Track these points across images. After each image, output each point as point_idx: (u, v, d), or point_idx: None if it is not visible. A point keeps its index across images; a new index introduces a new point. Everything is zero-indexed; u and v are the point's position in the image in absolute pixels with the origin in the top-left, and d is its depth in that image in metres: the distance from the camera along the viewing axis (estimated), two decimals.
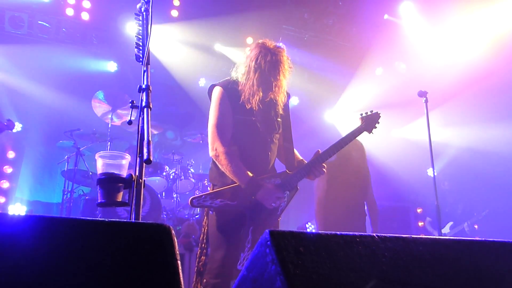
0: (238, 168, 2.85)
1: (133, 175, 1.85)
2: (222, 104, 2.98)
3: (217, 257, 2.85)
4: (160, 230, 1.14)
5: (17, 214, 1.09)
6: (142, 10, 2.21)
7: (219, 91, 3.01)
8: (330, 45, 7.75)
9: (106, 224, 1.13)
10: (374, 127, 3.44)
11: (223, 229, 2.89)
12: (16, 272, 0.96)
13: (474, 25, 6.75)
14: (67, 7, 6.36)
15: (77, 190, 6.02)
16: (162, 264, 1.08)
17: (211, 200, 2.85)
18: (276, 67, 2.97)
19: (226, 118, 2.97)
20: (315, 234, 1.11)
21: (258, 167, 2.96)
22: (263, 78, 2.94)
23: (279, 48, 3.05)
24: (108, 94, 5.90)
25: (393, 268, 1.13)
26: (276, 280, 0.97)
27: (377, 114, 3.46)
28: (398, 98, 7.62)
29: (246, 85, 2.96)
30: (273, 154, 3.14)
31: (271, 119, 3.10)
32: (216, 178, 3.00)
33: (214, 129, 2.93)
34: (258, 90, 2.94)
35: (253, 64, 2.96)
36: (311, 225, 6.66)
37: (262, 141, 3.04)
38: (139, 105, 1.97)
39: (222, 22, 6.80)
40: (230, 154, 2.87)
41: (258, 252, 1.06)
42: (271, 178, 3.01)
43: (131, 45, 2.19)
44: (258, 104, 2.98)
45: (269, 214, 2.97)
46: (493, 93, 7.18)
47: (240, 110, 2.99)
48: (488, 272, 1.27)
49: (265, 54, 2.97)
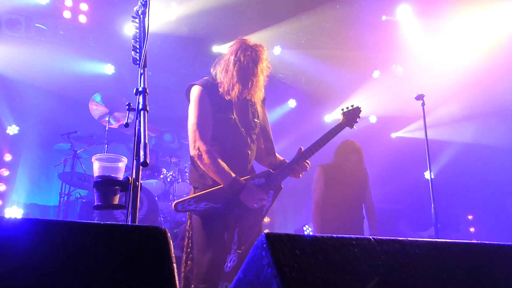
0: (221, 167, 2.82)
1: (129, 178, 1.85)
2: (202, 102, 2.96)
3: (203, 261, 2.81)
4: (156, 233, 1.14)
5: (13, 217, 1.09)
6: (139, 13, 2.21)
7: (199, 89, 2.99)
8: (327, 48, 7.77)
9: (102, 227, 1.13)
10: (356, 121, 3.44)
11: (208, 232, 2.85)
12: (13, 275, 0.96)
13: (471, 27, 6.78)
14: (64, 9, 6.35)
15: (74, 193, 6.00)
16: (158, 267, 1.08)
17: (195, 204, 2.80)
18: (255, 62, 2.98)
19: (206, 117, 2.95)
20: (311, 236, 1.11)
21: (238, 166, 2.94)
22: (241, 71, 2.95)
23: (259, 46, 3.07)
24: (105, 97, 5.88)
25: (390, 271, 1.14)
26: (272, 283, 0.97)
27: (358, 109, 3.45)
28: (396, 101, 7.65)
29: (225, 77, 2.96)
30: (253, 153, 3.12)
31: (248, 119, 3.09)
32: (197, 180, 2.96)
33: (195, 128, 2.90)
34: (237, 83, 2.94)
35: (232, 57, 2.98)
36: (309, 228, 6.67)
37: (242, 140, 3.03)
38: (136, 108, 1.97)
39: (219, 24, 6.81)
40: (212, 153, 2.84)
41: (254, 255, 1.06)
42: (255, 178, 2.99)
43: (128, 48, 2.18)
44: (236, 99, 2.98)
45: (253, 214, 2.94)
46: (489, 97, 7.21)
47: (220, 109, 2.97)
48: (484, 275, 1.27)
49: (244, 49, 2.99)
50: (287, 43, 7.55)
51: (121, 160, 2.02)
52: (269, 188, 3.01)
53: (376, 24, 7.25)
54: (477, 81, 7.02)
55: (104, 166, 1.97)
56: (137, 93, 2.01)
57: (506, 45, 6.72)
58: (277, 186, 3.05)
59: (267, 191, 2.99)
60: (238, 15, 6.85)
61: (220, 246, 2.84)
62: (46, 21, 6.49)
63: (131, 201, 1.80)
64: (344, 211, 4.51)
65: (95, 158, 2.00)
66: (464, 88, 7.18)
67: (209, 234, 2.85)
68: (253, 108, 3.14)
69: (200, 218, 2.88)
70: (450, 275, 1.22)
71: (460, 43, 6.99)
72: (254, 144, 3.13)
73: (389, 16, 7.22)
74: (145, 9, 2.20)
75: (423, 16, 7.05)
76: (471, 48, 6.94)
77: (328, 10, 7.11)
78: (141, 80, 2.05)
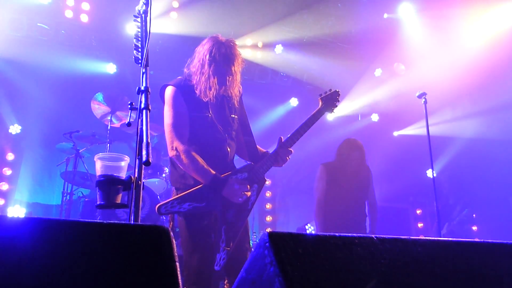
0: (199, 166, 2.80)
1: (132, 177, 1.86)
2: (176, 102, 2.93)
3: (193, 262, 2.78)
4: (158, 232, 1.15)
5: (16, 216, 1.09)
6: (141, 12, 2.21)
7: (172, 90, 2.96)
8: (329, 47, 7.76)
9: (104, 226, 1.13)
10: (335, 105, 3.42)
11: (195, 232, 2.81)
12: (15, 274, 0.96)
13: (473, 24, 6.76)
14: (66, 9, 6.35)
15: (76, 192, 6.01)
16: (160, 266, 1.08)
17: (178, 205, 2.77)
18: (231, 59, 2.97)
19: (183, 116, 2.92)
20: (313, 235, 1.11)
21: (218, 164, 2.91)
22: (217, 71, 2.93)
23: (231, 41, 3.04)
24: (107, 96, 5.89)
25: (392, 269, 1.14)
26: (275, 281, 0.98)
27: (336, 92, 3.43)
28: (398, 99, 7.64)
29: (201, 78, 2.93)
30: (232, 150, 3.10)
31: (225, 115, 3.07)
32: (178, 180, 2.94)
33: (171, 129, 2.87)
34: (214, 83, 2.91)
35: (207, 57, 2.94)
36: (311, 227, 6.66)
37: (220, 137, 3.00)
38: (138, 107, 1.98)
39: (220, 22, 6.81)
40: (190, 153, 2.82)
41: (256, 254, 1.07)
42: (237, 172, 2.97)
43: (130, 47, 2.19)
44: (213, 98, 2.95)
45: (239, 210, 2.91)
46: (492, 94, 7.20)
47: (195, 107, 2.95)
48: (487, 274, 1.27)
49: (218, 47, 2.96)
50: (289, 41, 7.54)
51: (123, 159, 2.02)
52: (253, 181, 2.98)
53: (378, 22, 7.24)
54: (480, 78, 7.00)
55: (106, 165, 1.97)
56: (139, 92, 2.02)
57: (508, 41, 6.71)
58: (261, 178, 3.03)
59: (251, 185, 2.96)
60: (240, 13, 6.85)
61: (207, 246, 2.80)
62: (48, 21, 6.50)
63: (134, 200, 1.80)
64: (346, 209, 4.49)
65: (97, 157, 2.00)
66: (467, 86, 7.16)
67: (195, 235, 2.81)
68: (230, 103, 3.10)
69: (185, 219, 2.83)
70: (452, 274, 1.22)
71: (462, 40, 6.98)
72: (233, 140, 3.10)
73: (391, 14, 7.21)
74: (147, 8, 2.21)
75: (425, 14, 7.04)
76: (473, 45, 6.93)
77: (330, 8, 7.11)
78: (143, 79, 2.06)
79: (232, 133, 3.10)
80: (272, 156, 3.06)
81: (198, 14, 6.64)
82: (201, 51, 3.02)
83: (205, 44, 3.03)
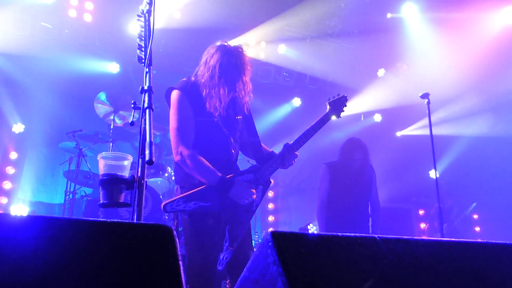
0: (206, 169, 2.81)
1: (135, 176, 1.86)
2: (182, 107, 2.92)
3: (196, 261, 2.79)
4: (161, 231, 1.15)
5: (19, 215, 1.09)
6: (145, 12, 2.21)
7: (178, 94, 2.96)
8: (332, 47, 7.75)
9: (107, 224, 1.13)
10: (342, 110, 3.45)
11: (199, 232, 2.82)
12: (18, 272, 0.96)
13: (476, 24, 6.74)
14: (69, 8, 6.37)
15: (79, 191, 6.02)
16: (163, 265, 1.08)
17: (184, 204, 2.78)
18: (242, 70, 2.97)
19: (188, 121, 2.91)
20: (316, 235, 1.11)
21: (223, 167, 2.91)
22: (229, 82, 2.93)
23: (240, 48, 3.04)
24: (110, 95, 5.90)
25: (395, 269, 1.13)
26: (278, 281, 0.98)
27: (344, 97, 3.46)
28: (401, 99, 7.63)
29: (211, 92, 2.92)
30: (236, 151, 3.11)
31: (231, 117, 3.06)
32: (183, 179, 2.94)
33: (177, 133, 2.87)
34: (224, 95, 2.92)
35: (217, 69, 2.93)
36: (313, 226, 6.65)
37: (225, 140, 3.00)
38: (141, 106, 1.98)
39: (223, 23, 6.81)
40: (196, 156, 2.83)
41: (259, 253, 1.07)
42: (243, 173, 2.98)
43: (133, 47, 2.19)
44: (224, 112, 2.95)
45: (244, 211, 2.92)
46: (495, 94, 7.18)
47: (201, 112, 2.94)
48: (489, 275, 1.27)
49: (228, 58, 2.95)
50: (292, 41, 7.54)
51: (126, 158, 2.02)
52: (258, 183, 3.00)
53: (381, 23, 7.23)
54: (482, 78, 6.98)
55: (109, 164, 1.98)
56: (142, 91, 2.02)
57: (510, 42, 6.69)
58: (266, 180, 3.05)
59: (257, 186, 2.98)
60: (243, 12, 6.85)
61: (211, 245, 2.81)
62: (52, 20, 6.51)
63: (137, 199, 1.80)
64: (349, 209, 4.48)
65: (100, 156, 2.00)
66: (469, 86, 7.14)
67: (199, 234, 2.81)
68: (235, 106, 3.09)
69: (189, 218, 2.83)
70: (455, 274, 1.21)
71: (465, 40, 6.96)
72: (237, 142, 3.11)
73: (394, 13, 7.20)
74: (150, 7, 2.21)
75: (429, 14, 7.02)
76: (476, 45, 6.90)
77: (333, 8, 7.10)
78: (146, 78, 2.06)
79: (236, 134, 3.10)
80: (278, 159, 3.07)
81: (200, 13, 6.64)
82: (209, 60, 3.00)
83: (214, 54, 2.99)
